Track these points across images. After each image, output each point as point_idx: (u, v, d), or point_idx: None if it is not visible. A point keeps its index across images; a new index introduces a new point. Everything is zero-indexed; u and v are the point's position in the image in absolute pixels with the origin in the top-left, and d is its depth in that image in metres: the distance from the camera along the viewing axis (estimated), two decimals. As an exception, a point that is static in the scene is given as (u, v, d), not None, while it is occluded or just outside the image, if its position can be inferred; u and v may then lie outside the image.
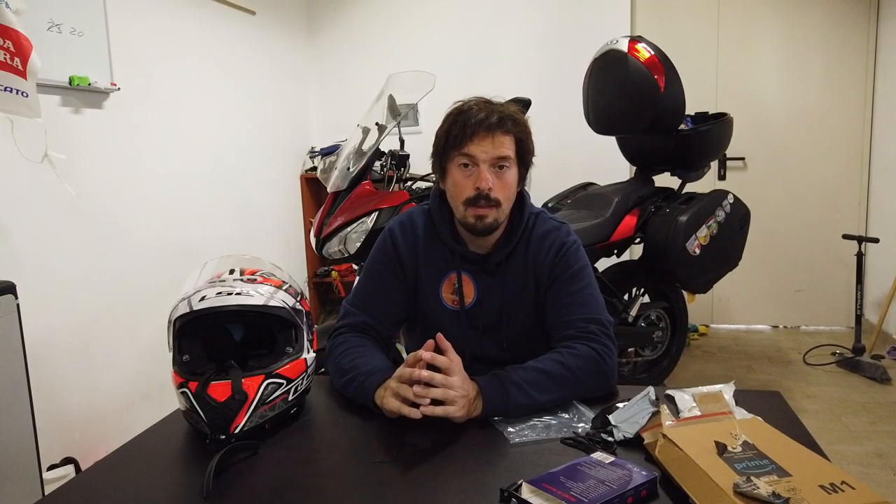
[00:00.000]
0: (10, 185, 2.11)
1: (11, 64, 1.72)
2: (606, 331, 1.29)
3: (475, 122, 1.26)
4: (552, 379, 1.19)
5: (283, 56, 3.97)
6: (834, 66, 3.87)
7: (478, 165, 1.27)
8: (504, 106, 1.31)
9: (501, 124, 1.26)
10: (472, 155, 1.27)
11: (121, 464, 1.06)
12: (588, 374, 1.22)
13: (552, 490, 0.85)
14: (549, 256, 1.36)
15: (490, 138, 1.26)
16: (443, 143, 1.31)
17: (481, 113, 1.27)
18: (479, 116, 1.26)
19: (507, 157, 1.27)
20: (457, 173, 1.30)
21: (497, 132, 1.26)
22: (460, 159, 1.29)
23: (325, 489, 0.95)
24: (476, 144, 1.26)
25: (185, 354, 1.13)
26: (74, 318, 2.36)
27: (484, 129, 1.26)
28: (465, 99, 1.32)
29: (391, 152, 2.72)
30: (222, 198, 3.32)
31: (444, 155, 1.32)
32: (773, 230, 3.98)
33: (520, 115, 1.31)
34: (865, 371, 3.23)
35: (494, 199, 1.27)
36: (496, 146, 1.26)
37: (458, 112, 1.30)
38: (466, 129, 1.26)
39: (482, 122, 1.26)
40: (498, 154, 1.27)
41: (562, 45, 3.93)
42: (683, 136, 2.80)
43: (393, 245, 1.41)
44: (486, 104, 1.30)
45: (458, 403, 1.10)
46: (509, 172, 1.29)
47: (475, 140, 1.26)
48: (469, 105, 1.30)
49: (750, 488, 0.79)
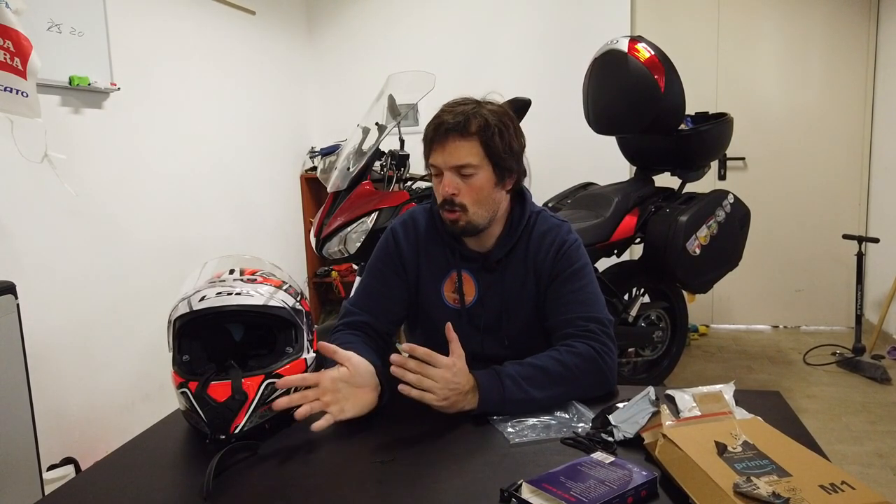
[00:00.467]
0: (10, 185, 2.11)
1: (11, 64, 1.72)
2: (606, 330, 1.29)
3: (438, 129, 1.26)
4: (549, 376, 1.19)
5: (283, 56, 3.97)
6: (834, 66, 3.87)
7: (442, 173, 1.28)
8: (481, 107, 1.27)
9: (457, 128, 1.24)
10: (435, 164, 1.29)
11: (121, 464, 1.06)
12: (586, 373, 1.22)
13: (552, 490, 0.85)
14: (549, 254, 1.36)
15: (445, 146, 1.26)
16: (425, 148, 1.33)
17: (446, 117, 1.25)
18: (441, 121, 1.25)
19: (468, 165, 1.26)
20: (434, 179, 1.33)
21: (452, 139, 1.25)
22: (432, 168, 1.31)
23: (325, 489, 0.95)
24: (437, 153, 1.27)
25: (185, 354, 1.13)
26: (74, 318, 2.36)
27: (441, 137, 1.26)
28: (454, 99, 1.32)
29: (391, 152, 2.72)
30: (222, 198, 3.32)
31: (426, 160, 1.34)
32: (773, 230, 3.98)
33: (491, 115, 1.26)
34: (865, 371, 3.23)
35: (459, 203, 1.27)
36: (452, 153, 1.26)
37: (435, 116, 1.29)
38: (432, 136, 1.27)
39: (441, 128, 1.25)
40: (455, 162, 1.26)
41: (562, 45, 3.93)
42: (683, 136, 2.81)
43: (395, 244, 1.42)
44: (462, 106, 1.27)
45: (437, 394, 1.09)
46: (476, 177, 1.27)
47: (436, 149, 1.27)
48: (445, 109, 1.29)
49: (750, 488, 0.79)
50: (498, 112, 1.29)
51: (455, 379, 1.12)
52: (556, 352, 1.24)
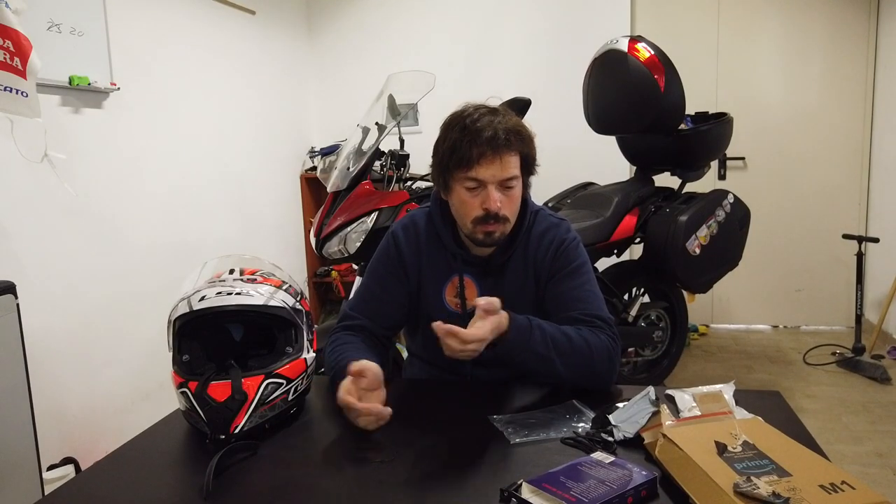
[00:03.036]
0: (10, 185, 2.11)
1: (11, 64, 1.72)
2: (613, 329, 1.29)
3: (482, 142, 1.22)
4: (571, 345, 1.22)
5: (283, 56, 3.97)
6: (834, 66, 3.87)
7: (486, 187, 1.25)
8: (507, 118, 1.26)
9: (508, 144, 1.23)
10: (480, 178, 1.24)
11: (121, 464, 1.06)
12: (599, 359, 1.24)
13: (552, 490, 0.85)
14: (548, 253, 1.36)
15: (498, 161, 1.23)
16: (447, 161, 1.27)
17: (487, 131, 1.22)
18: (486, 135, 1.22)
19: (515, 177, 1.26)
20: (463, 193, 1.27)
21: (505, 154, 1.23)
22: (467, 182, 1.26)
23: (325, 489, 0.95)
24: (484, 168, 1.23)
25: (185, 354, 1.13)
26: (74, 318, 2.36)
27: (492, 151, 1.22)
28: (465, 107, 1.28)
29: (391, 152, 2.72)
30: (222, 198, 3.32)
31: (448, 172, 1.28)
32: (773, 230, 3.98)
33: (523, 126, 1.27)
34: (865, 371, 3.23)
35: (503, 216, 1.27)
36: (504, 168, 1.24)
37: (463, 128, 1.24)
38: (473, 149, 1.22)
39: (489, 143, 1.22)
40: (506, 175, 1.25)
41: (562, 45, 3.93)
42: (683, 136, 2.80)
43: (396, 248, 1.41)
44: (490, 117, 1.24)
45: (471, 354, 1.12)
46: (516, 188, 1.28)
47: (483, 163, 1.23)
48: (472, 119, 1.24)
49: (750, 488, 0.79)
50: (521, 122, 1.29)
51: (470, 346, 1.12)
52: (579, 328, 1.26)
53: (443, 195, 1.35)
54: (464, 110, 1.28)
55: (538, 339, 1.20)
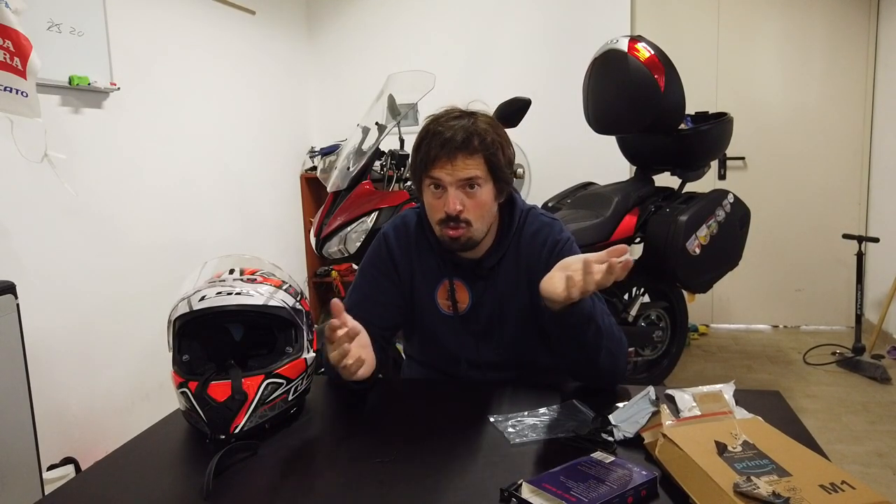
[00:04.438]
0: (10, 185, 2.11)
1: (11, 64, 1.72)
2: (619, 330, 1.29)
3: (438, 143, 1.23)
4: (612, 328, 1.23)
5: (283, 56, 3.97)
6: (834, 66, 3.87)
7: (445, 188, 1.25)
8: (474, 120, 1.25)
9: (465, 145, 1.22)
10: (437, 178, 1.25)
11: (121, 464, 1.06)
12: (620, 350, 1.24)
13: (552, 490, 0.85)
14: (542, 255, 1.34)
15: (453, 161, 1.23)
16: (414, 162, 1.29)
17: (446, 133, 1.22)
18: (444, 137, 1.22)
19: (475, 178, 1.24)
20: (428, 194, 1.29)
21: (460, 154, 1.22)
22: (429, 181, 1.27)
23: (326, 489, 0.95)
24: (440, 168, 1.24)
25: (185, 354, 1.13)
26: (74, 318, 2.36)
27: (447, 152, 1.22)
28: (440, 111, 1.29)
29: (391, 152, 2.72)
30: (222, 198, 3.32)
31: (416, 174, 1.30)
32: (773, 230, 3.98)
33: (490, 129, 1.25)
34: (865, 371, 3.23)
35: (464, 219, 1.26)
36: (460, 168, 1.23)
37: (426, 131, 1.26)
38: (431, 151, 1.24)
39: (445, 144, 1.22)
40: (463, 176, 1.24)
41: (562, 45, 3.93)
42: (683, 136, 2.80)
43: (387, 249, 1.40)
44: (457, 120, 1.24)
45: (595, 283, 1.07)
46: (481, 191, 1.26)
47: (438, 164, 1.24)
48: (438, 122, 1.26)
49: (750, 488, 0.79)
50: (493, 125, 1.27)
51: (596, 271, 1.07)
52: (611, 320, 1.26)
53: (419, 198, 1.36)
54: (437, 116, 1.28)
55: (599, 311, 1.20)
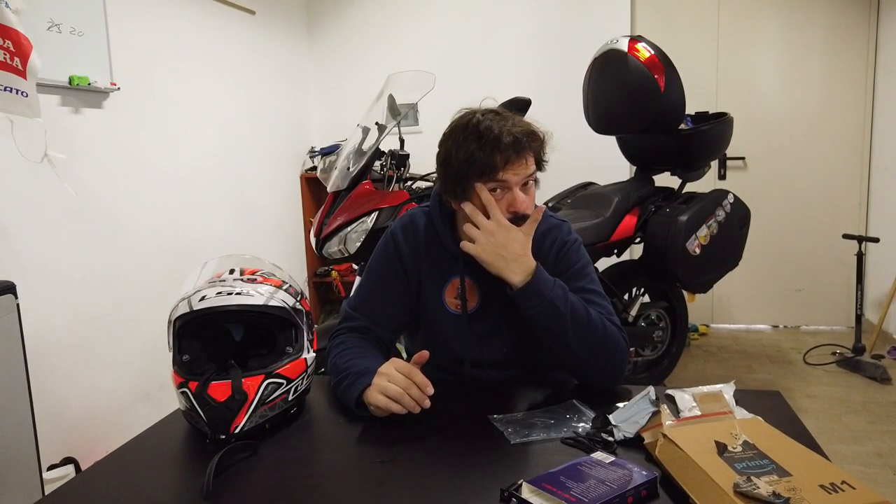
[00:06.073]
0: (10, 185, 2.11)
1: (11, 64, 1.72)
2: (621, 331, 1.28)
3: (505, 147, 1.21)
4: (589, 318, 1.24)
5: (283, 56, 3.97)
6: (834, 66, 3.87)
7: (510, 190, 1.25)
8: (516, 119, 1.26)
9: (529, 146, 1.24)
10: (506, 180, 1.24)
11: (121, 464, 1.06)
12: (613, 346, 1.24)
13: (552, 490, 0.85)
14: (549, 255, 1.35)
15: (522, 161, 1.24)
16: (466, 171, 1.24)
17: (506, 137, 1.21)
18: (507, 141, 1.21)
19: (534, 174, 1.28)
20: (485, 195, 1.25)
21: (526, 154, 1.24)
22: (492, 185, 1.25)
23: (325, 489, 0.95)
24: (511, 172, 1.23)
25: (185, 354, 1.13)
26: (74, 318, 2.36)
27: (516, 155, 1.22)
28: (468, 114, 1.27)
29: (391, 152, 2.71)
30: (222, 197, 3.32)
31: (468, 181, 1.25)
32: (773, 230, 3.98)
33: (535, 126, 1.28)
34: (865, 371, 3.23)
35: (524, 216, 1.27)
36: (527, 168, 1.25)
37: (479, 136, 1.22)
38: (497, 155, 1.21)
39: (513, 147, 1.21)
40: (528, 174, 1.26)
41: (562, 45, 3.93)
42: (683, 136, 2.80)
43: (395, 248, 1.39)
44: (501, 121, 1.24)
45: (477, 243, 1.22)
46: (533, 185, 1.29)
47: (508, 168, 1.23)
48: (486, 126, 1.23)
49: (750, 488, 0.79)
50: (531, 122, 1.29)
51: (498, 236, 1.21)
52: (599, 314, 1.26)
53: (454, 205, 1.32)
54: (469, 118, 1.26)
55: (559, 294, 1.22)
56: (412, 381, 1.12)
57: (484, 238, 1.22)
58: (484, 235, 1.22)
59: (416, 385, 1.11)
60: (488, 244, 1.22)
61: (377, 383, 1.13)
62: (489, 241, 1.22)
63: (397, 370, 1.13)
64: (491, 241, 1.22)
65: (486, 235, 1.22)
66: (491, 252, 1.22)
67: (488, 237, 1.22)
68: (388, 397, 1.10)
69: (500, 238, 1.22)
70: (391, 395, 1.10)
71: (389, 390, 1.11)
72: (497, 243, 1.22)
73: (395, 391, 1.10)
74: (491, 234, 1.22)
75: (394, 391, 1.10)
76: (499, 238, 1.22)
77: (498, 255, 1.22)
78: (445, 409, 1.19)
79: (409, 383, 1.11)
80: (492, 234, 1.22)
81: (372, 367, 1.18)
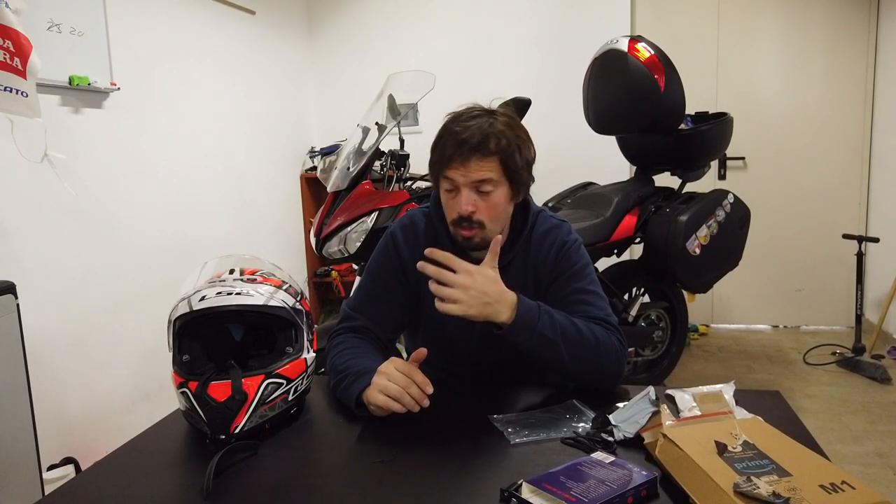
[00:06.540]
0: (10, 185, 2.11)
1: (11, 64, 1.72)
2: (619, 332, 1.28)
3: (453, 144, 1.22)
4: (579, 333, 1.22)
5: (283, 56, 3.97)
6: (834, 66, 3.87)
7: (459, 189, 1.25)
8: (492, 121, 1.24)
9: (480, 147, 1.21)
10: (452, 179, 1.25)
11: (121, 464, 1.06)
12: (607, 353, 1.23)
13: (552, 490, 0.85)
14: (549, 255, 1.35)
15: (467, 163, 1.22)
16: (432, 159, 1.29)
17: (463, 133, 1.22)
18: (460, 137, 1.22)
19: (488, 181, 1.23)
20: (443, 194, 1.30)
21: (474, 157, 1.22)
22: (444, 182, 1.27)
23: (325, 489, 0.95)
24: (455, 169, 1.24)
25: (185, 354, 1.13)
26: (74, 318, 2.36)
27: (462, 154, 1.22)
28: (462, 108, 1.28)
29: (391, 152, 2.71)
30: (222, 197, 3.32)
31: (432, 171, 1.30)
32: (773, 230, 3.98)
33: (508, 130, 1.24)
34: (865, 371, 3.23)
35: (477, 221, 1.25)
36: (473, 170, 1.22)
37: (444, 130, 1.26)
38: (446, 151, 1.24)
39: (460, 145, 1.22)
40: (475, 178, 1.23)
41: (562, 45, 3.93)
42: (684, 136, 2.80)
43: (395, 248, 1.40)
44: (473, 119, 1.24)
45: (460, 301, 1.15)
46: (495, 193, 1.25)
47: (453, 165, 1.24)
48: (456, 121, 1.25)
49: (750, 488, 0.79)
50: (513, 125, 1.26)
51: (476, 285, 1.15)
52: (589, 321, 1.25)
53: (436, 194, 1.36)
54: (457, 112, 1.28)
55: (546, 322, 1.20)
56: (412, 380, 1.12)
57: (464, 294, 1.14)
58: (462, 292, 1.14)
59: (416, 384, 1.12)
60: (470, 298, 1.15)
61: (377, 382, 1.13)
62: (469, 294, 1.14)
63: (397, 369, 1.13)
64: (471, 294, 1.14)
65: (464, 291, 1.14)
66: (476, 304, 1.15)
67: (467, 292, 1.14)
68: (388, 396, 1.10)
69: (477, 286, 1.15)
70: (391, 395, 1.10)
71: (389, 389, 1.11)
72: (477, 293, 1.15)
73: (395, 390, 1.10)
74: (466, 288, 1.15)
75: (394, 390, 1.10)
76: (476, 286, 1.15)
77: (483, 303, 1.15)
78: (445, 409, 1.19)
79: (408, 382, 1.11)
80: (468, 288, 1.15)
81: (371, 366, 1.18)
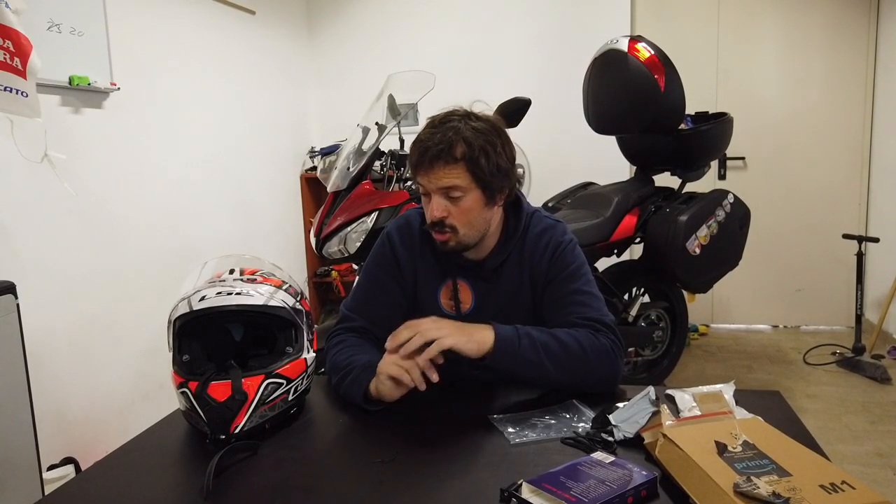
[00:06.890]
0: (10, 185, 2.11)
1: (11, 64, 1.72)
2: (614, 331, 1.28)
3: (418, 151, 1.24)
4: (564, 348, 1.20)
5: (283, 56, 3.97)
6: (834, 66, 3.87)
7: (429, 195, 1.26)
8: (461, 127, 1.22)
9: (442, 155, 1.21)
10: (421, 185, 1.27)
11: (121, 464, 1.06)
12: (599, 360, 1.22)
13: (552, 490, 0.85)
14: (544, 256, 1.34)
15: (431, 171, 1.23)
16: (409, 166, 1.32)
17: (430, 140, 1.22)
18: (425, 146, 1.22)
19: (455, 187, 1.23)
20: (422, 198, 1.31)
21: (437, 164, 1.22)
22: (419, 187, 1.29)
23: (325, 489, 0.95)
24: (422, 176, 1.25)
25: (185, 354, 1.13)
26: (74, 318, 2.36)
27: (427, 161, 1.22)
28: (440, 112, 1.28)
29: (391, 152, 2.72)
30: (222, 198, 3.32)
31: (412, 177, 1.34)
32: (773, 230, 3.98)
33: (475, 136, 1.22)
34: (865, 371, 3.23)
35: (449, 225, 1.26)
36: (440, 177, 1.23)
37: (417, 136, 1.27)
38: (413, 158, 1.26)
39: (425, 152, 1.22)
40: (442, 185, 1.23)
41: (562, 45, 3.93)
42: (684, 136, 2.80)
43: (391, 249, 1.40)
44: (441, 125, 1.23)
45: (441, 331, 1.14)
46: (465, 199, 1.24)
47: (420, 172, 1.25)
48: (427, 127, 1.26)
49: (750, 488, 0.79)
50: (483, 130, 1.24)
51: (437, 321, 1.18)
52: (575, 331, 1.24)
53: None
54: (434, 117, 1.28)
55: (527, 346, 1.18)
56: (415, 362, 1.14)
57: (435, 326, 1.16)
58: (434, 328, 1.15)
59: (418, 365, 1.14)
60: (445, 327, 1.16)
61: (381, 367, 1.16)
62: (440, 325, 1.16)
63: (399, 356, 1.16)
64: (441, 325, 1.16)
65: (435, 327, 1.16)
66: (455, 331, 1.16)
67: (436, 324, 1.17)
68: (395, 375, 1.13)
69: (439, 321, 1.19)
70: (399, 370, 1.13)
71: (394, 369, 1.13)
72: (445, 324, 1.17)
73: (403, 365, 1.13)
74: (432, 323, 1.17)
75: (400, 368, 1.13)
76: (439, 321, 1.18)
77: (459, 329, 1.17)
78: (445, 409, 1.19)
79: (412, 362, 1.14)
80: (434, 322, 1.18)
81: (374, 360, 1.20)
